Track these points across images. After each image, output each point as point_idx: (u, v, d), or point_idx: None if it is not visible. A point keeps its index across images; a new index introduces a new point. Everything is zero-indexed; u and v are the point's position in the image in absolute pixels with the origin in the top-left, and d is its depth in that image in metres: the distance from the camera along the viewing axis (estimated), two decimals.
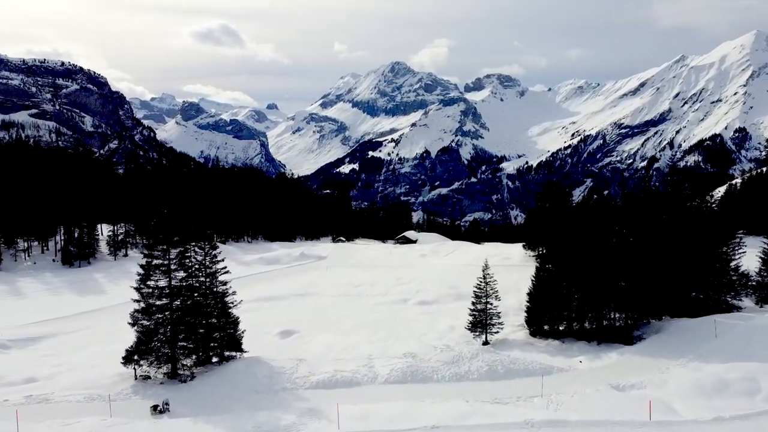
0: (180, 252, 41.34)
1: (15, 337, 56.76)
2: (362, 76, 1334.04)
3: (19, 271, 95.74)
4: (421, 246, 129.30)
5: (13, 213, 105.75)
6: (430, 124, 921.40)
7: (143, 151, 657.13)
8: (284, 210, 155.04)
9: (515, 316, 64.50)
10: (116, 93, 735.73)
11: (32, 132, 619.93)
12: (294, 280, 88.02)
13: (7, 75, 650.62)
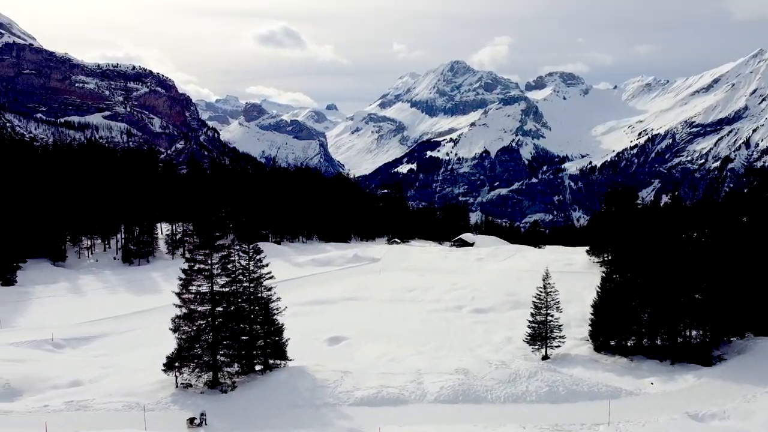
0: (223, 256, 39.85)
1: (69, 336, 57.21)
2: (421, 75, 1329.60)
3: (82, 268, 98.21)
4: (477, 249, 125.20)
5: (80, 211, 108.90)
6: (489, 123, 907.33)
7: (207, 152, 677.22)
8: (339, 210, 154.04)
9: (578, 327, 60.22)
10: (183, 95, 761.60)
11: (105, 133, 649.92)
12: (346, 283, 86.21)
13: (84, 79, 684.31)
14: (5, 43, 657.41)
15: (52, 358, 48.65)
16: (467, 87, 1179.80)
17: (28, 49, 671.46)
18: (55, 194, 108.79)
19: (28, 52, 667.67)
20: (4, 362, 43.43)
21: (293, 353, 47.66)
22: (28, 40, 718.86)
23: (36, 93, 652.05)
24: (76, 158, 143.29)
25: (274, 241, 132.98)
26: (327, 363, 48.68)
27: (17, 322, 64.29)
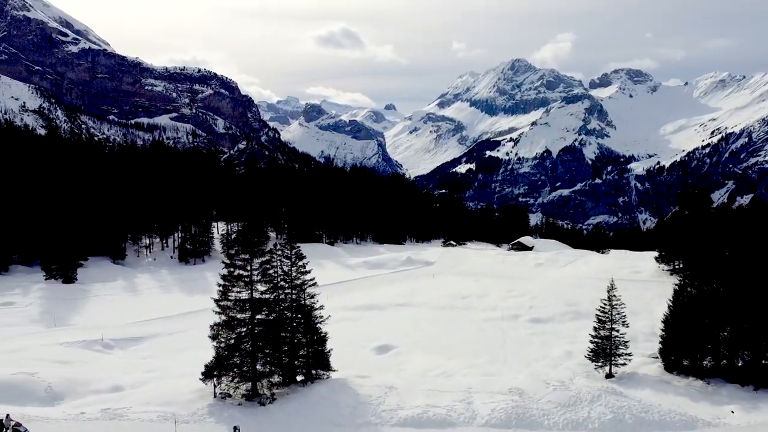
0: (263, 262, 38.14)
1: (119, 336, 57.27)
2: (480, 74, 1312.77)
3: (140, 266, 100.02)
4: (537, 254, 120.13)
5: (142, 210, 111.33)
6: (551, 122, 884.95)
7: (268, 151, 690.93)
8: (394, 211, 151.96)
9: (646, 342, 55.56)
10: (245, 96, 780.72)
11: (172, 134, 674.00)
12: (398, 287, 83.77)
13: (153, 82, 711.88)
14: (82, 49, 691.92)
15: (99, 359, 48.45)
16: (528, 85, 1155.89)
17: (102, 54, 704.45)
18: (120, 193, 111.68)
19: (102, 57, 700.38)
20: (51, 364, 43.34)
21: (339, 361, 45.59)
22: (103, 45, 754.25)
23: (109, 96, 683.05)
24: (141, 158, 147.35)
25: (328, 241, 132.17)
26: (373, 374, 46.41)
27: (73, 320, 65.21)
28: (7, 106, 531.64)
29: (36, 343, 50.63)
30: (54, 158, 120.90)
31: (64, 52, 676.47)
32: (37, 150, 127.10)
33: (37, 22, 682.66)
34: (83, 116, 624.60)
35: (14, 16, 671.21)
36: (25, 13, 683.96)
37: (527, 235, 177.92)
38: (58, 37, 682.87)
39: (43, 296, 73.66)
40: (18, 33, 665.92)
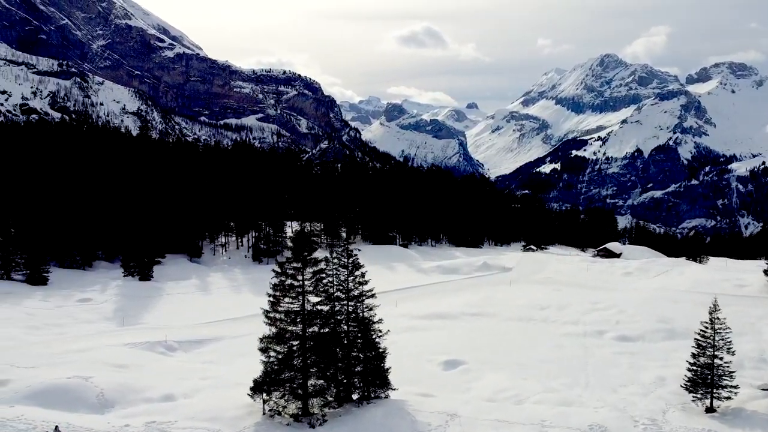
0: (316, 272, 35.36)
1: (184, 338, 56.72)
2: (567, 71, 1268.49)
3: (215, 265, 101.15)
4: (625, 262, 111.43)
5: (220, 208, 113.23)
6: (643, 120, 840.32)
7: (349, 151, 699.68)
8: (472, 212, 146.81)
9: (754, 370, 48.62)
10: (328, 97, 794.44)
11: (258, 134, 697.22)
12: (471, 294, 79.26)
13: (241, 84, 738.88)
14: (177, 54, 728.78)
15: (158, 363, 47.71)
16: (618, 82, 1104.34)
17: (194, 59, 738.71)
18: (202, 192, 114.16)
19: (195, 61, 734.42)
20: (108, 367, 42.78)
21: (402, 375, 42.32)
22: (196, 50, 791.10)
23: (200, 98, 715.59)
24: (223, 158, 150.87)
25: (402, 243, 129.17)
26: (438, 392, 42.83)
27: (143, 319, 65.76)
28: (110, 109, 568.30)
29: (101, 343, 50.69)
30: (145, 158, 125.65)
31: (161, 57, 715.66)
32: (129, 150, 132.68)
33: (138, 30, 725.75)
34: (177, 117, 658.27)
35: (117, 25, 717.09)
36: (127, 21, 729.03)
37: (614, 239, 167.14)
38: (155, 43, 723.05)
39: (119, 293, 75.24)
40: (120, 40, 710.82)
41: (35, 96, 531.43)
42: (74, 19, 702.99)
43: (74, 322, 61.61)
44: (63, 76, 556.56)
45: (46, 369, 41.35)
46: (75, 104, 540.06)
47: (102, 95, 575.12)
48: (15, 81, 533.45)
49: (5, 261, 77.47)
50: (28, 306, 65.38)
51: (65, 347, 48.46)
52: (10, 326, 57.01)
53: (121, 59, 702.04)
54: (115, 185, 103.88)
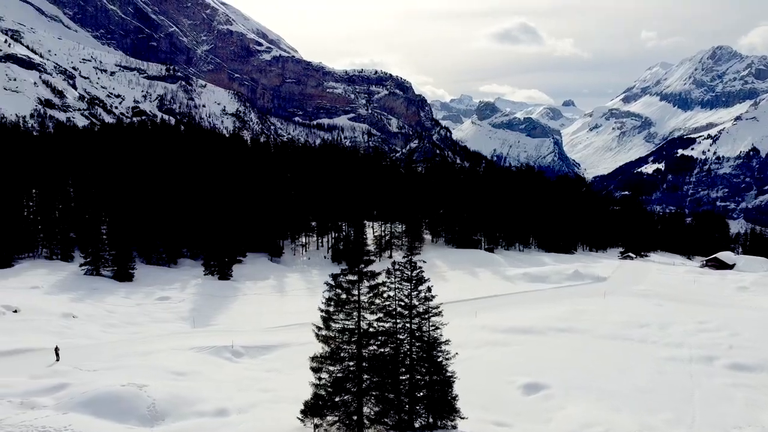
0: (374, 286, 31.72)
1: (251, 343, 55.13)
2: (674, 65, 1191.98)
3: (294, 265, 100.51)
4: (740, 275, 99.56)
5: (303, 208, 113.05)
6: (760, 116, 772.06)
7: (439, 150, 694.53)
8: (564, 215, 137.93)
9: None
10: (418, 96, 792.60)
11: (349, 133, 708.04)
12: (560, 307, 72.72)
13: (333, 85, 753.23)
14: (274, 57, 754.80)
15: (220, 370, 46.10)
16: (732, 75, 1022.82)
17: (290, 61, 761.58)
18: (287, 191, 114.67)
19: (291, 63, 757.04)
20: (166, 374, 41.50)
21: (475, 398, 38.12)
22: (291, 52, 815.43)
23: (295, 99, 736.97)
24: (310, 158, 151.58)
25: (487, 248, 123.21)
26: (515, 422, 38.18)
27: (216, 320, 65.25)
28: (211, 110, 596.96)
29: (168, 346, 49.92)
30: (235, 158, 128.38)
31: (259, 60, 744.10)
32: (222, 150, 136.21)
33: (238, 34, 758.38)
34: (272, 118, 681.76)
35: (219, 30, 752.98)
36: (228, 27, 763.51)
37: (726, 247, 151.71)
38: (254, 47, 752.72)
39: (196, 292, 75.61)
40: (222, 45, 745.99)
41: (145, 99, 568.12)
42: (181, 27, 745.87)
43: (150, 321, 61.98)
44: (170, 80, 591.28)
45: (106, 373, 40.65)
46: (180, 106, 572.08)
47: (204, 97, 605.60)
48: (128, 85, 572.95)
49: (95, 257, 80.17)
50: (110, 303, 66.72)
51: (132, 349, 48.02)
52: (90, 323, 57.99)
53: (222, 63, 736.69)
54: (205, 184, 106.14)
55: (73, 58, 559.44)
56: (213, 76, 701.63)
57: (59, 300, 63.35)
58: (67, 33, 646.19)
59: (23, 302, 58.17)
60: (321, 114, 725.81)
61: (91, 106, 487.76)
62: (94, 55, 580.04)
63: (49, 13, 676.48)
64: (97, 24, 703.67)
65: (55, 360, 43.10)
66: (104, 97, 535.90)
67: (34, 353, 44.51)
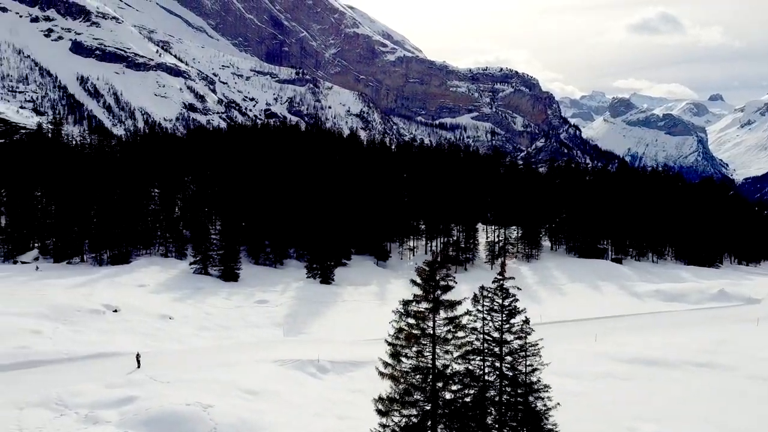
0: (452, 318, 26.07)
1: (339, 357, 51.38)
2: None
3: (400, 270, 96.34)
4: None
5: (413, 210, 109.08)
6: None
7: (567, 149, 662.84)
8: (707, 223, 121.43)
9: None
10: (546, 93, 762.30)
11: (472, 132, 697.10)
12: (699, 334, 61.72)
13: (457, 84, 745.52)
14: (398, 57, 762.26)
15: (299, 389, 42.66)
16: None
17: (414, 61, 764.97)
18: (400, 191, 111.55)
19: (414, 63, 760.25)
20: (238, 392, 38.61)
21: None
22: (415, 52, 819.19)
23: (418, 98, 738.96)
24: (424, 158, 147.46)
25: (614, 258, 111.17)
26: None
27: (309, 327, 62.59)
28: (336, 111, 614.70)
29: (251, 357, 47.47)
30: (354, 158, 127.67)
31: (383, 61, 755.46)
32: (341, 150, 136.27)
33: (364, 37, 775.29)
34: (395, 118, 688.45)
35: (346, 33, 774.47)
36: (355, 29, 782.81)
37: None
38: (379, 49, 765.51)
39: (295, 296, 73.79)
40: (348, 47, 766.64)
41: (276, 101, 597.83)
42: (311, 31, 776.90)
43: (243, 326, 60.60)
44: (299, 83, 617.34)
45: (178, 386, 38.55)
46: (307, 108, 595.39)
47: (330, 99, 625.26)
48: (261, 89, 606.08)
49: (204, 256, 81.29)
50: (210, 304, 66.47)
51: (213, 359, 46.09)
52: (184, 325, 57.59)
53: (348, 65, 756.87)
54: (319, 184, 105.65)
55: (214, 65, 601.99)
56: (339, 78, 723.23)
57: (161, 299, 63.98)
58: (209, 42, 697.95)
59: (126, 301, 59.06)
60: (444, 113, 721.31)
61: (227, 109, 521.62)
62: (232, 62, 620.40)
63: (195, 24, 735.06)
64: (236, 32, 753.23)
65: (136, 367, 42.03)
66: (240, 100, 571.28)
67: (118, 358, 43.86)
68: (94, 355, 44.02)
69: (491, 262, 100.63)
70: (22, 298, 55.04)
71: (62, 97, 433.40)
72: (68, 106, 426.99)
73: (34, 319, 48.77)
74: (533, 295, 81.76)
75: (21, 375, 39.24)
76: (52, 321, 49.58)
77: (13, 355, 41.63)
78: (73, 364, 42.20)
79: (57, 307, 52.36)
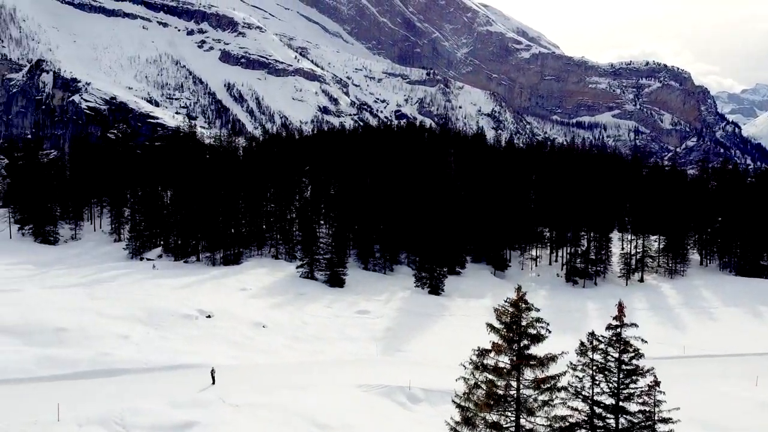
0: (543, 381, 19.16)
1: (435, 384, 45.11)
2: None
3: (522, 282, 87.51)
4: None
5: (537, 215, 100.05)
6: None
7: (723, 149, 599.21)
8: None
9: None
10: (699, 88, 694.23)
11: (613, 131, 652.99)
12: None
13: (596, 80, 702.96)
14: (533, 54, 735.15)
15: (383, 423, 37.30)
16: None
17: (550, 57, 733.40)
18: (526, 194, 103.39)
19: (550, 59, 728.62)
20: (305, 424, 34.06)
21: None
22: (551, 48, 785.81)
23: (553, 96, 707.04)
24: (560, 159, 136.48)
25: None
26: None
27: (408, 345, 56.97)
28: (467, 111, 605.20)
29: (335, 380, 42.88)
30: (479, 158, 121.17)
31: (517, 58, 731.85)
32: (466, 150, 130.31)
33: (497, 35, 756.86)
34: (528, 117, 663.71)
35: (479, 32, 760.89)
36: (488, 27, 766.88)
37: None
38: (513, 46, 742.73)
39: (399, 307, 68.78)
40: (481, 46, 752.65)
41: (406, 102, 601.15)
42: (443, 32, 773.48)
43: (339, 339, 56.54)
44: (429, 84, 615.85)
45: (245, 411, 34.83)
46: (437, 108, 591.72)
47: (461, 99, 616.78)
48: (392, 90, 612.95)
49: (311, 260, 79.05)
50: (309, 312, 63.42)
51: (294, 378, 42.15)
52: (276, 335, 54.70)
53: (481, 64, 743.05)
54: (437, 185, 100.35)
55: (347, 68, 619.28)
56: (471, 77, 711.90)
57: (259, 305, 61.96)
58: (344, 46, 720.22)
59: (222, 306, 57.56)
60: (581, 111, 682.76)
61: (359, 111, 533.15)
62: (364, 65, 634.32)
63: (332, 30, 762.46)
64: (369, 36, 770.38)
65: (210, 383, 39.17)
66: (371, 102, 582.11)
67: (195, 371, 41.31)
68: (172, 366, 41.93)
69: (626, 277, 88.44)
70: (123, 299, 55.33)
71: (211, 103, 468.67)
72: (216, 111, 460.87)
73: (127, 323, 48.19)
74: (675, 319, 69.73)
75: (96, 385, 37.82)
76: (144, 325, 48.75)
77: (94, 362, 40.59)
78: (149, 375, 40.32)
79: (152, 311, 51.70)
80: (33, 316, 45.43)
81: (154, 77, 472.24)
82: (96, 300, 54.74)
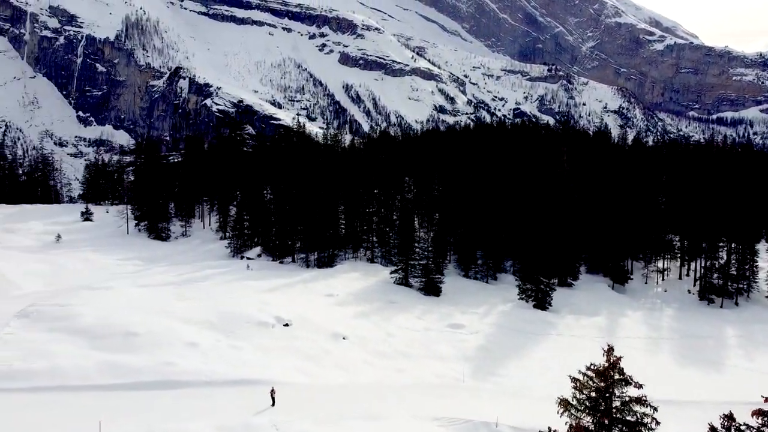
0: None
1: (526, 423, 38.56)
2: None
3: (643, 299, 76.91)
4: None
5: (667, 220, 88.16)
6: None
7: None
8: None
9: None
10: None
11: (761, 128, 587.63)
12: None
13: (742, 71, 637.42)
14: (667, 46, 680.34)
15: None
16: None
17: (687, 48, 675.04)
18: (653, 198, 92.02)
19: (687, 50, 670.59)
20: None
21: None
22: (689, 39, 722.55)
23: (690, 90, 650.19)
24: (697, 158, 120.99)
25: None
26: None
27: (503, 368, 50.16)
28: (591, 108, 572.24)
29: (410, 412, 37.31)
30: (601, 157, 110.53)
31: (648, 51, 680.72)
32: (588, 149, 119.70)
33: (627, 26, 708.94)
34: (661, 113, 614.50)
35: (607, 24, 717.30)
36: (617, 19, 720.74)
37: None
38: (644, 38, 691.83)
39: (497, 323, 61.86)
40: (608, 39, 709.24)
41: (526, 100, 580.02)
42: (567, 26, 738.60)
43: (424, 356, 51.06)
44: (550, 80, 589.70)
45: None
46: (559, 105, 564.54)
47: (585, 95, 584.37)
48: (511, 88, 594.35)
49: (406, 265, 74.30)
50: (396, 324, 58.54)
51: (365, 405, 37.37)
52: (357, 348, 50.33)
53: (608, 58, 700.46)
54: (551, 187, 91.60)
55: (465, 66, 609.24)
56: (597, 73, 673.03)
57: (342, 314, 58.07)
58: (463, 45, 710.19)
59: (302, 313, 54.23)
60: (723, 106, 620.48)
61: (476, 109, 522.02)
62: (483, 63, 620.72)
63: (450, 29, 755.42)
64: (488, 33, 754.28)
65: (270, 404, 35.46)
66: (489, 100, 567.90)
67: (258, 388, 37.81)
68: (235, 381, 38.82)
69: None
70: (206, 301, 53.71)
71: (329, 104, 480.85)
72: (334, 112, 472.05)
73: (198, 329, 46.06)
74: None
75: (153, 398, 35.43)
76: (216, 331, 46.39)
77: (156, 372, 38.44)
78: (208, 390, 37.42)
79: (227, 316, 49.38)
80: (108, 319, 44.54)
81: (278, 80, 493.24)
82: (182, 300, 53.67)
